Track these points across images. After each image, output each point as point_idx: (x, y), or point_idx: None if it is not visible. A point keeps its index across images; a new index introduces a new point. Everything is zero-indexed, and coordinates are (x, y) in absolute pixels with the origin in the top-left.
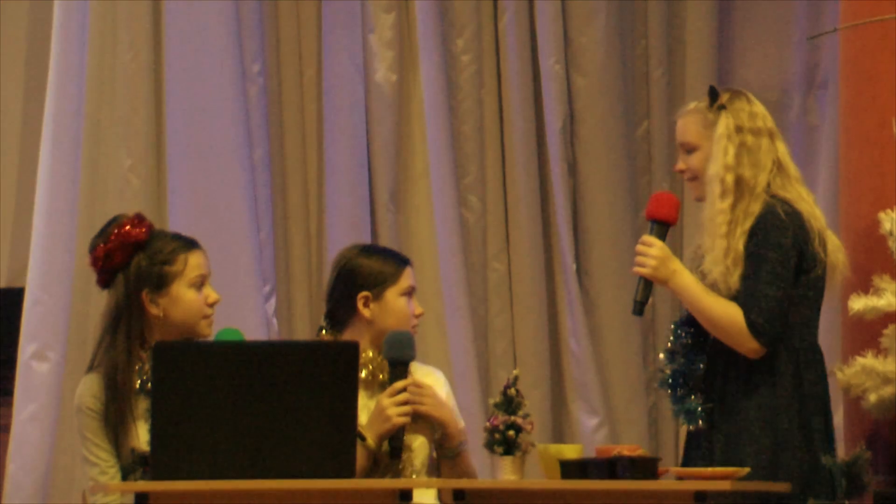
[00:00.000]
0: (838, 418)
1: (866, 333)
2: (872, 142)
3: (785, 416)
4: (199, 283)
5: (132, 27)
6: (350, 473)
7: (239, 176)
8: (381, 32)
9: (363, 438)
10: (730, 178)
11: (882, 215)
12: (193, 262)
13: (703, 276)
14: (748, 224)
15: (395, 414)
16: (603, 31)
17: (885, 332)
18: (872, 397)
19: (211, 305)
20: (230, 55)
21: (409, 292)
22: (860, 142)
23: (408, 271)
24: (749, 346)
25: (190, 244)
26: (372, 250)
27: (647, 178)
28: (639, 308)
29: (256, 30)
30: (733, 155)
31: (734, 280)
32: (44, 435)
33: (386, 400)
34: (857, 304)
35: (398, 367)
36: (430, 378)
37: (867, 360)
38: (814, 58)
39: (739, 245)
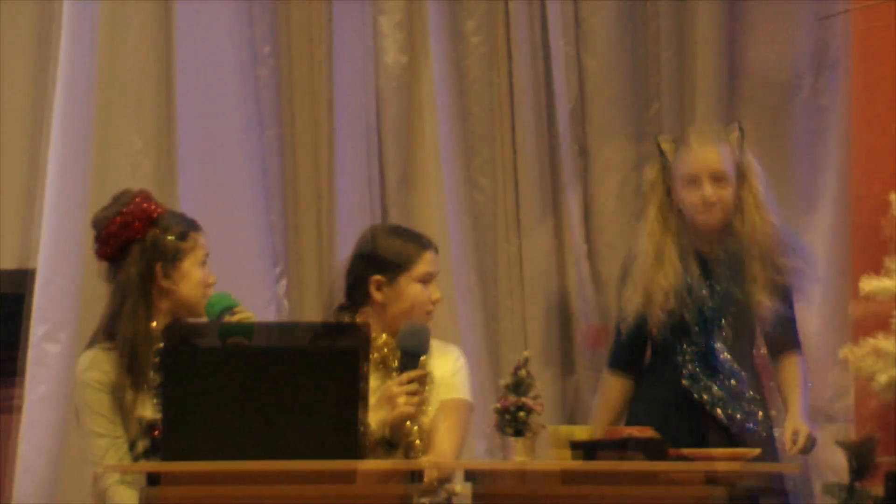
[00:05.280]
0: (848, 400)
1: (876, 315)
2: (883, 123)
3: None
4: (204, 263)
5: (142, 9)
6: (353, 454)
7: (249, 158)
8: (391, 14)
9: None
10: (764, 201)
11: (893, 196)
12: (202, 242)
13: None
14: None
15: (403, 403)
16: (613, 13)
17: (895, 313)
18: (882, 378)
19: (210, 286)
20: (240, 37)
21: (426, 279)
22: (871, 123)
23: (427, 256)
24: None
25: (196, 224)
26: (395, 232)
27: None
28: None
29: (266, 11)
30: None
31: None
32: (55, 416)
33: (396, 388)
34: (868, 285)
35: (409, 359)
36: (442, 357)
37: (877, 342)
38: (824, 38)
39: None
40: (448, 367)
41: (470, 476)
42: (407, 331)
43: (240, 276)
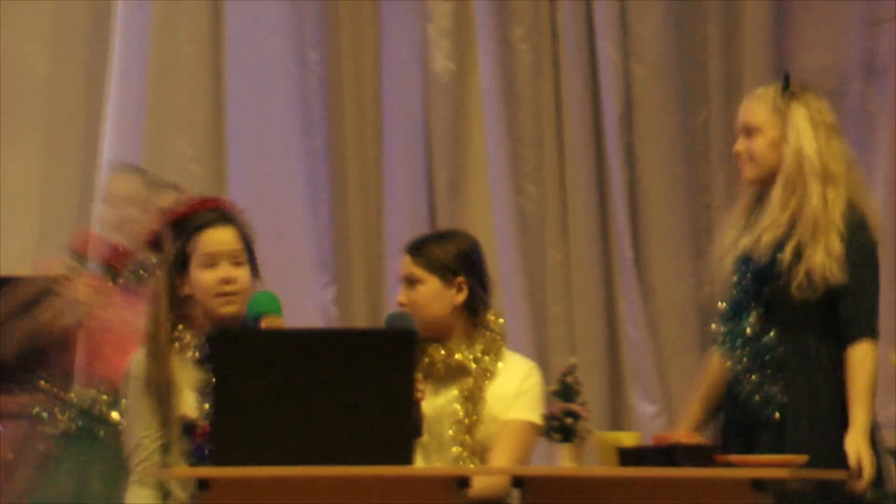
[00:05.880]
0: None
1: None
2: None
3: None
4: (210, 263)
5: (193, 17)
6: (407, 460)
7: (298, 164)
8: (439, 21)
9: None
10: (805, 163)
11: None
12: (205, 241)
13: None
14: (838, 220)
15: None
16: (661, 19)
17: None
18: None
19: (226, 283)
20: (289, 44)
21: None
22: None
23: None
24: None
25: (208, 222)
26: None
27: (705, 167)
28: None
29: (315, 19)
30: (811, 141)
31: (837, 275)
32: None
33: None
34: None
35: None
36: (510, 373)
37: None
38: (872, 45)
39: (836, 243)
40: (514, 385)
41: (518, 482)
42: (392, 320)
43: (288, 282)
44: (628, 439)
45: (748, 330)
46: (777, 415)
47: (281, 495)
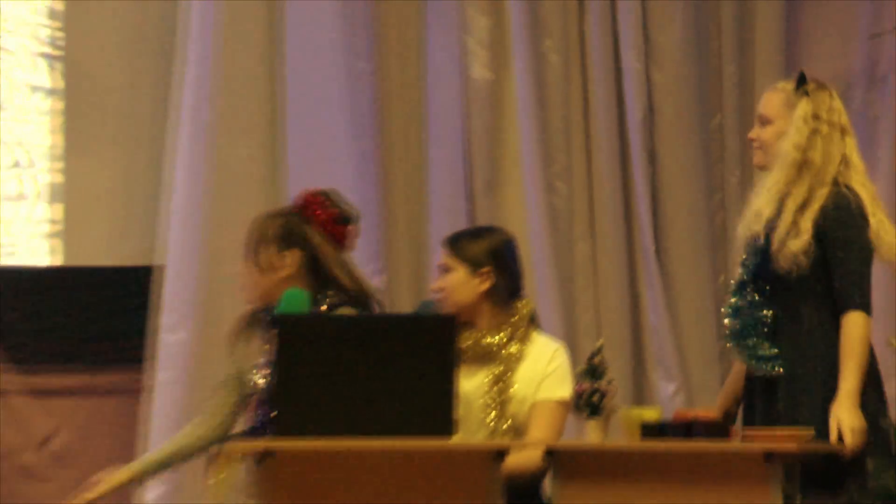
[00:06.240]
0: (893, 386)
1: None
2: None
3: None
4: None
5: (254, 30)
6: (448, 431)
7: (350, 165)
8: (477, 34)
9: None
10: (796, 157)
11: None
12: None
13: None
14: (816, 206)
15: None
16: (680, 31)
17: None
18: None
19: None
20: (341, 55)
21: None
22: None
23: None
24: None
25: None
26: None
27: (720, 166)
28: None
29: (365, 32)
30: (805, 136)
31: (804, 251)
32: (181, 399)
33: None
34: None
35: None
36: (538, 355)
37: None
38: (875, 54)
39: (809, 224)
40: (540, 367)
41: (549, 453)
42: (419, 311)
43: None
44: (650, 415)
45: (746, 299)
46: (778, 370)
47: (332, 464)
